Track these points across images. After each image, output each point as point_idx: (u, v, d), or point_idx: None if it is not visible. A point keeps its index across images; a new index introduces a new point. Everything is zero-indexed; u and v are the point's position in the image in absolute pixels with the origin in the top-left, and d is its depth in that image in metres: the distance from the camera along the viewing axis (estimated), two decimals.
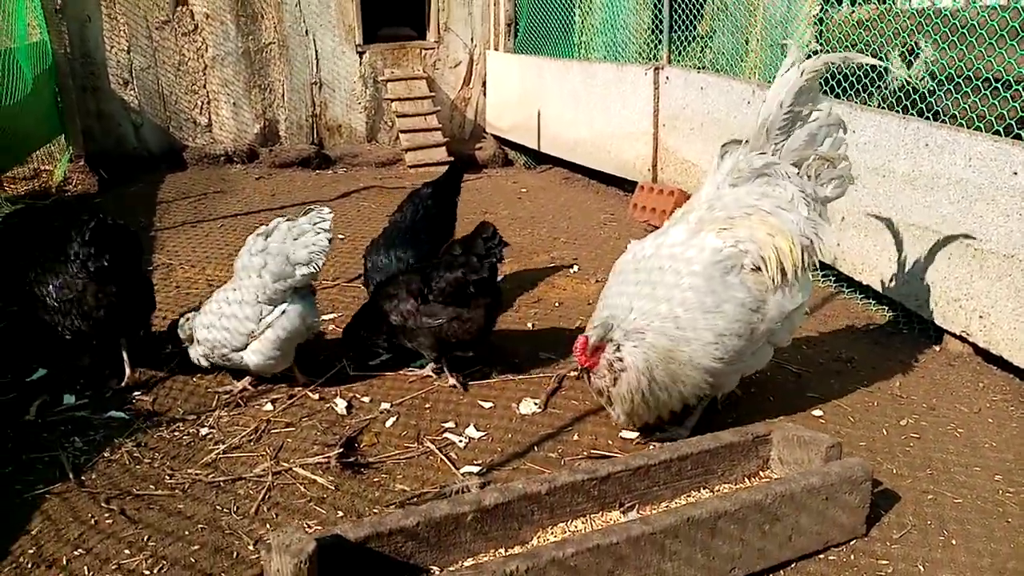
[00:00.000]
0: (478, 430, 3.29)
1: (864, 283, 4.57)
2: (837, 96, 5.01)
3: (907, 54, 4.97)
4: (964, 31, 4.13)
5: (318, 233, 3.43)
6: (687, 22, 7.15)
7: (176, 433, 3.26)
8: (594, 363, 2.87)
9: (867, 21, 7.13)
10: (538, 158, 8.94)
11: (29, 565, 2.41)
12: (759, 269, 2.91)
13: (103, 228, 3.54)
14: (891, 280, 4.33)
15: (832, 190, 3.13)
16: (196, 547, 2.52)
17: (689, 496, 2.62)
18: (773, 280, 2.91)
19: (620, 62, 7.29)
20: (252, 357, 3.49)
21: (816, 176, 3.09)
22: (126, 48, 8.19)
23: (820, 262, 4.88)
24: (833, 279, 4.94)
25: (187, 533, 2.59)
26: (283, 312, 3.47)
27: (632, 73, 6.76)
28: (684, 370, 2.87)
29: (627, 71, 6.88)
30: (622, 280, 3.06)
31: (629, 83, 6.79)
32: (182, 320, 3.68)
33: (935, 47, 4.51)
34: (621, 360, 2.85)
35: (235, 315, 3.47)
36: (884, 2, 9.11)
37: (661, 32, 7.24)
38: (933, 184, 3.97)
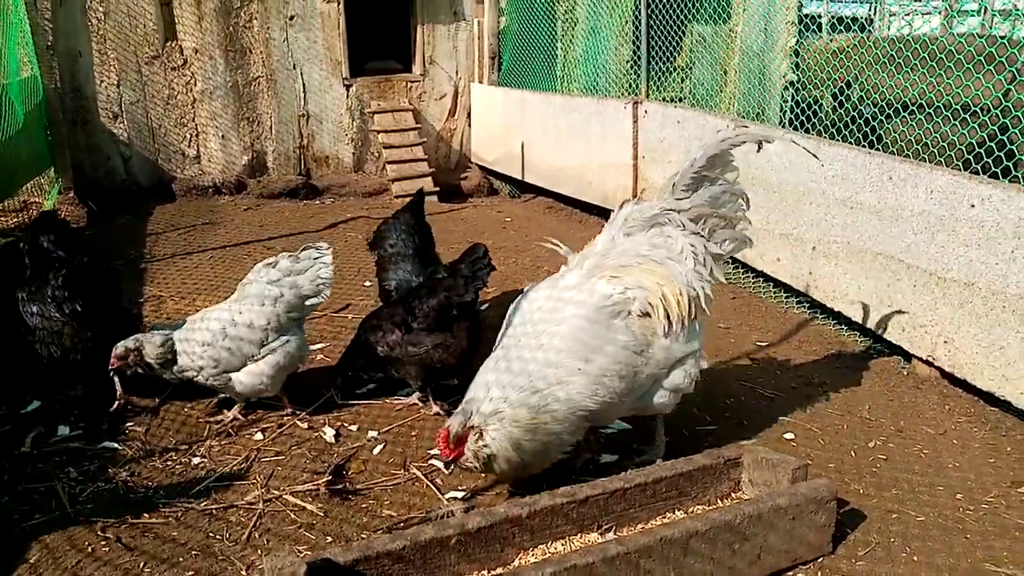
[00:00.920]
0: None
1: (836, 309, 4.73)
2: (807, 131, 5.21)
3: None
4: (942, 57, 4.32)
5: (322, 267, 3.72)
6: (666, 54, 7.38)
7: (169, 463, 3.35)
8: (459, 455, 2.81)
9: (843, 50, 7.38)
10: (522, 187, 9.12)
11: None
12: (647, 315, 2.94)
13: (77, 273, 3.73)
14: (861, 307, 4.50)
15: (725, 248, 3.18)
16: (190, 573, 2.61)
17: (664, 517, 2.74)
18: (661, 325, 2.95)
19: (600, 96, 7.50)
20: (246, 379, 3.60)
21: (711, 233, 3.15)
22: (116, 82, 8.33)
23: (794, 290, 5.09)
24: (807, 305, 5.11)
25: (181, 560, 2.68)
26: (287, 341, 3.66)
27: (612, 107, 6.96)
28: (556, 427, 2.84)
29: (607, 104, 7.08)
30: (494, 349, 3.05)
31: (609, 116, 6.99)
32: (146, 345, 3.56)
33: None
34: (487, 446, 2.79)
35: (241, 337, 3.59)
36: (862, 31, 9.42)
37: (640, 66, 7.47)
38: (897, 215, 4.15)
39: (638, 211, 3.16)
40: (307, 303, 3.73)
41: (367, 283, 5.72)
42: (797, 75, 10.44)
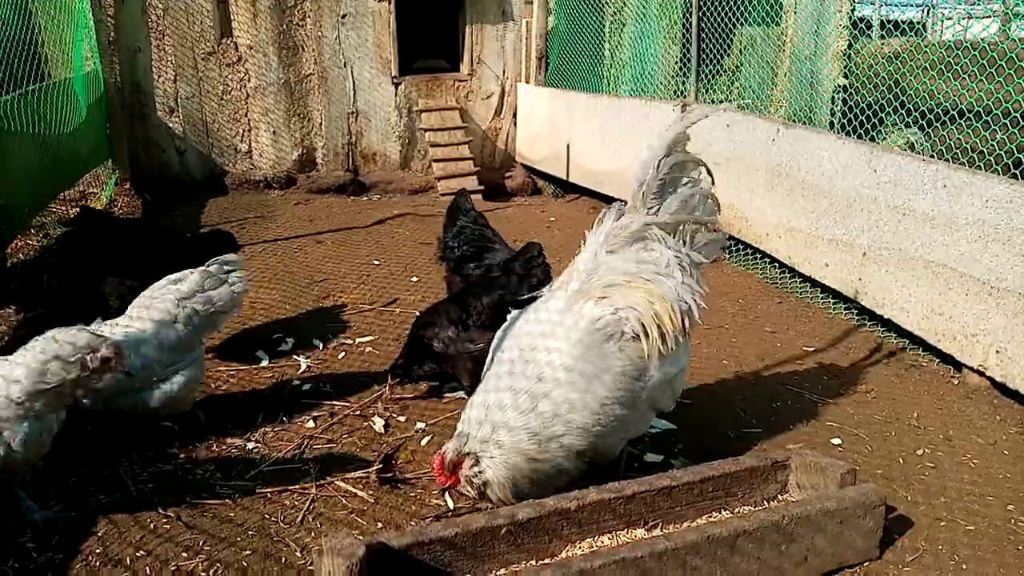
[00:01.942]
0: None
1: (885, 317, 4.69)
2: (860, 136, 5.17)
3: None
4: (1002, 63, 4.26)
5: (236, 281, 3.63)
6: (715, 56, 7.36)
7: (224, 447, 3.46)
8: (455, 482, 2.75)
9: (898, 55, 7.27)
10: (566, 188, 9.15)
11: (97, 564, 2.61)
12: (639, 337, 2.82)
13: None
14: (912, 314, 4.45)
15: (707, 253, 3.08)
16: (248, 552, 2.71)
17: (710, 516, 2.76)
18: (655, 347, 2.82)
19: (648, 97, 7.50)
20: (158, 397, 3.37)
21: (691, 239, 3.04)
22: (173, 77, 8.55)
23: (842, 296, 5.05)
24: (856, 312, 5.06)
25: (239, 539, 2.78)
26: (195, 359, 3.49)
27: (659, 109, 6.97)
28: (557, 457, 2.76)
29: (655, 106, 7.09)
30: (488, 374, 2.95)
31: (657, 119, 6.98)
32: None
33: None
34: (481, 473, 2.73)
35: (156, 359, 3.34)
36: (915, 34, 9.26)
37: (689, 67, 7.45)
38: (951, 223, 4.11)
39: (620, 227, 3.00)
40: (221, 320, 3.61)
41: (414, 278, 5.81)
42: (849, 79, 10.33)
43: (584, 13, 8.78)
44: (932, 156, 4.75)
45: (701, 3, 6.85)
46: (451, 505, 3.03)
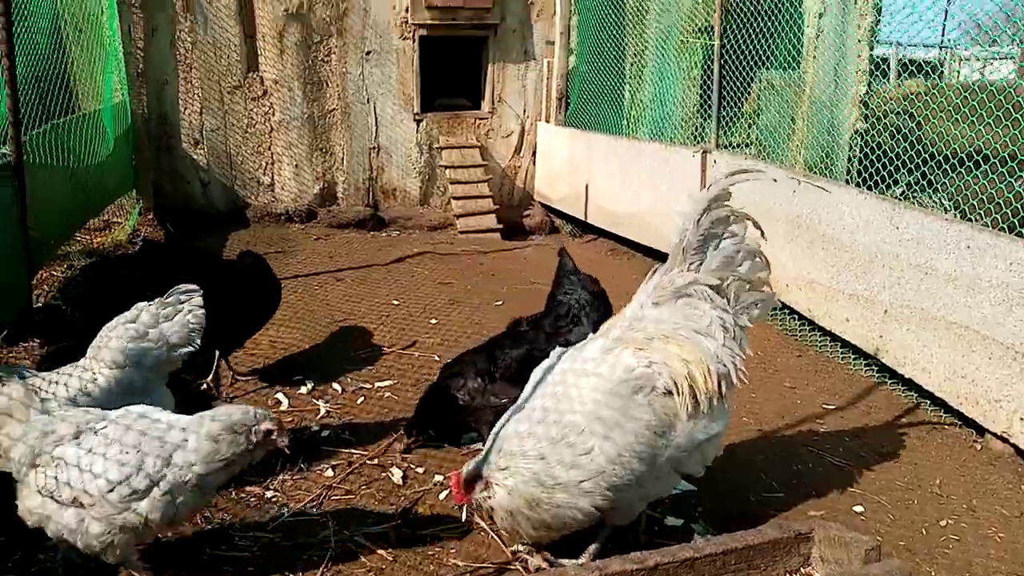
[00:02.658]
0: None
1: (907, 376, 4.66)
2: (877, 184, 5.18)
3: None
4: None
5: (192, 310, 3.37)
6: (734, 100, 7.40)
7: (244, 495, 3.46)
8: (468, 500, 2.80)
9: (914, 95, 7.29)
10: (584, 227, 9.18)
11: None
12: (671, 393, 2.80)
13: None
14: (933, 375, 4.43)
15: (752, 314, 3.02)
16: None
17: None
18: (684, 406, 2.80)
19: (668, 142, 7.54)
20: None
21: (736, 298, 2.98)
22: (199, 110, 8.68)
23: (863, 352, 5.03)
24: (876, 369, 5.03)
25: None
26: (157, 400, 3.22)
27: (680, 154, 7.01)
28: (564, 503, 2.76)
29: (675, 152, 7.13)
30: (519, 406, 2.97)
31: (677, 163, 7.03)
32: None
33: None
34: (489, 499, 2.78)
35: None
36: (932, 75, 9.27)
37: (708, 111, 7.50)
38: (974, 285, 4.10)
39: (668, 280, 2.99)
40: (176, 354, 3.33)
41: (432, 321, 5.83)
42: (867, 125, 10.36)
43: (605, 54, 8.88)
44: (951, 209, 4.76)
45: (723, 49, 6.89)
46: (463, 518, 3.07)
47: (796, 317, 5.78)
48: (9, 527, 2.85)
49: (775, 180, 5.89)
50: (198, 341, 3.36)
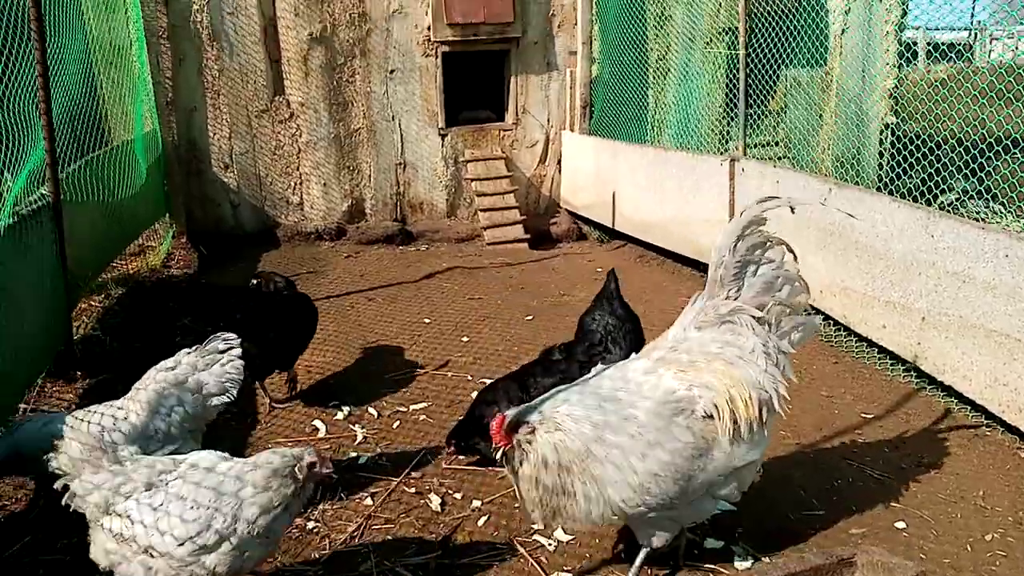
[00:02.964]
0: (566, 533, 3.44)
1: (946, 383, 4.59)
2: (915, 199, 5.11)
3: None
4: None
5: (231, 361, 3.43)
6: (760, 98, 7.34)
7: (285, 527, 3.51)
8: (508, 443, 2.77)
9: (945, 80, 7.18)
10: (611, 233, 9.17)
11: None
12: (711, 417, 2.82)
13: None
14: (974, 383, 4.35)
15: (794, 339, 3.01)
16: None
17: None
18: (724, 431, 2.81)
19: (694, 151, 7.50)
20: None
21: (778, 324, 2.98)
22: (228, 135, 8.81)
23: (900, 358, 4.96)
24: (915, 375, 4.96)
25: None
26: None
27: (708, 163, 6.97)
28: (589, 489, 2.77)
29: (703, 160, 7.09)
30: (567, 389, 3.00)
31: (705, 172, 6.99)
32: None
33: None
34: (531, 443, 2.77)
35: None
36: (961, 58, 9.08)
37: (733, 112, 7.43)
38: (1014, 293, 4.03)
39: (711, 306, 3.02)
40: (211, 403, 3.39)
41: (464, 338, 5.86)
42: (897, 118, 10.23)
43: (628, 61, 8.86)
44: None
45: (747, 50, 6.84)
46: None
47: (831, 323, 5.72)
48: (82, 567, 2.91)
49: (801, 203, 5.86)
50: (234, 392, 3.42)
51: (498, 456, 2.84)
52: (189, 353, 3.41)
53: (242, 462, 2.73)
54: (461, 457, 4.05)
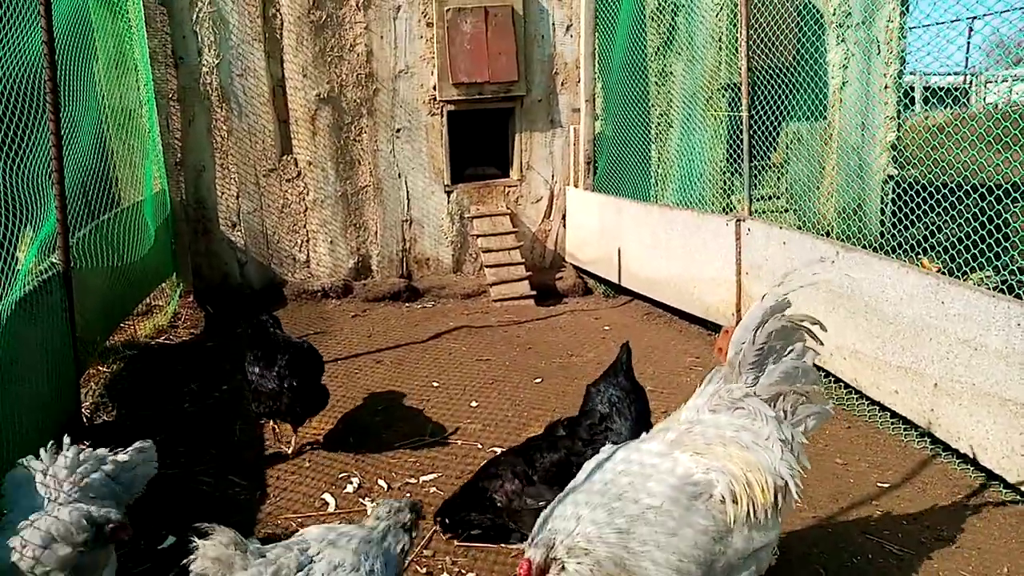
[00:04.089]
0: None
1: (962, 451, 4.54)
2: (910, 248, 5.12)
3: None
4: None
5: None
6: (761, 152, 7.40)
7: None
8: None
9: (942, 127, 7.26)
10: (617, 288, 9.17)
11: None
12: (727, 501, 2.81)
13: (299, 355, 5.00)
14: (991, 452, 4.31)
15: (808, 426, 3.01)
16: None
17: None
18: (741, 515, 2.80)
19: (699, 210, 7.55)
20: None
21: (793, 412, 2.99)
22: (236, 194, 8.89)
23: (914, 423, 4.92)
24: (929, 441, 4.91)
25: None
26: None
27: (713, 222, 7.00)
28: None
29: (708, 219, 7.12)
30: (577, 489, 2.96)
31: (710, 231, 7.02)
32: None
33: None
34: None
35: None
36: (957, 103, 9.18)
37: (736, 166, 7.49)
38: None
39: (726, 391, 3.03)
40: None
41: (473, 403, 5.83)
42: (897, 168, 10.32)
43: (631, 117, 8.97)
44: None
45: (750, 103, 6.91)
46: None
47: (842, 385, 5.69)
48: None
49: (783, 241, 5.89)
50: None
51: None
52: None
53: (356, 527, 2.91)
54: (449, 535, 3.99)
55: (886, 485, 4.54)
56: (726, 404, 3.00)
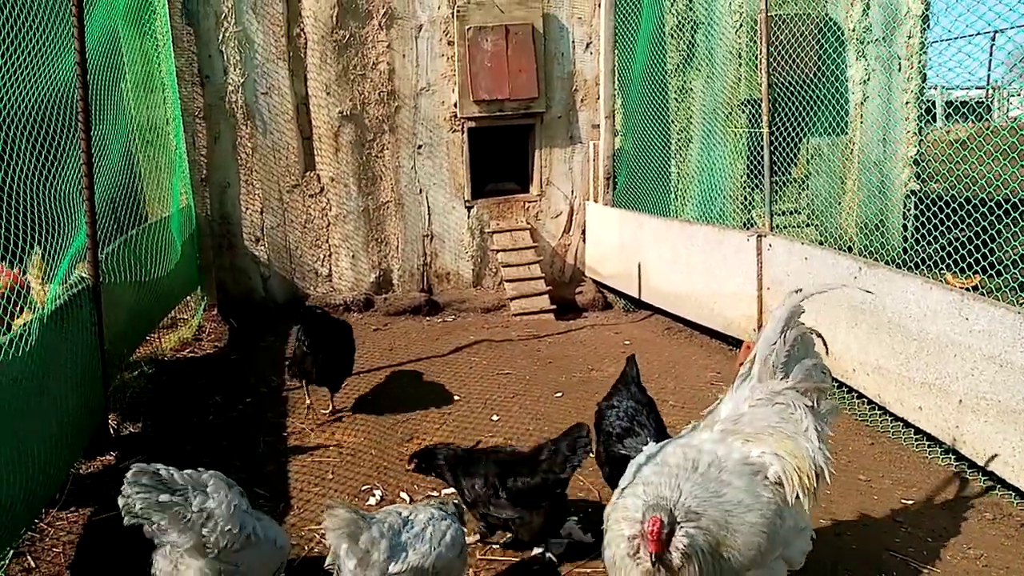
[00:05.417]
0: None
1: (988, 469, 4.50)
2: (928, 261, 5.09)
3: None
4: None
5: None
6: (782, 166, 7.40)
7: None
8: (663, 550, 2.75)
9: (964, 140, 7.23)
10: (636, 302, 9.18)
11: None
12: (779, 483, 3.02)
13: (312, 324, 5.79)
14: (1017, 469, 4.27)
15: (830, 420, 3.28)
16: None
17: None
18: (791, 495, 3.01)
19: (720, 225, 7.55)
20: None
21: (817, 405, 3.25)
22: (260, 209, 9.01)
23: (937, 440, 4.89)
24: (954, 458, 4.87)
25: None
26: None
27: (735, 238, 7.00)
28: (731, 554, 2.87)
29: (729, 235, 7.12)
30: (653, 471, 3.06)
31: (731, 247, 7.02)
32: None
33: None
34: (690, 545, 2.76)
35: None
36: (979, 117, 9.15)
37: (756, 181, 7.49)
38: None
39: (762, 388, 3.27)
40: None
41: (494, 417, 5.85)
42: (919, 183, 10.25)
43: (651, 133, 9.01)
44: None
45: (771, 126, 6.93)
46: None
47: (865, 401, 5.66)
48: None
49: (805, 256, 5.89)
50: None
51: (651, 562, 2.77)
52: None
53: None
54: (416, 471, 4.14)
55: (910, 502, 4.51)
56: (766, 398, 3.22)
